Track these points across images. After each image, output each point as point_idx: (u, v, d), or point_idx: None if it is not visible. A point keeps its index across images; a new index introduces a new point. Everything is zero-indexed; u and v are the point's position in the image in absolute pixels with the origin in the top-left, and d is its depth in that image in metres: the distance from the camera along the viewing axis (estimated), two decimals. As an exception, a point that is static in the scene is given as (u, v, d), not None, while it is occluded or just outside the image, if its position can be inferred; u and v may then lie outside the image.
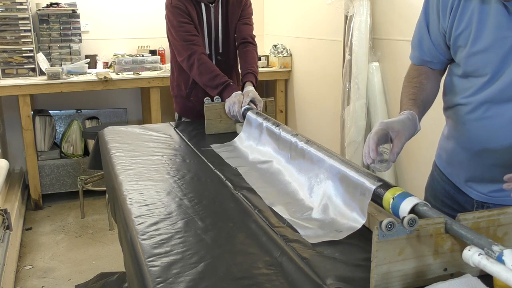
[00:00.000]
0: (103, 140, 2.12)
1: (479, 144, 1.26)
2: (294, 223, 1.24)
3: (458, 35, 1.24)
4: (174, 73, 2.47)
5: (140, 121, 4.38)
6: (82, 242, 3.19)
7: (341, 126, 3.10)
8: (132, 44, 4.20)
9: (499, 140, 1.21)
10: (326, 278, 1.00)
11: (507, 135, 1.20)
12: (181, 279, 1.02)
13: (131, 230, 1.26)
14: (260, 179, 1.56)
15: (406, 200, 1.07)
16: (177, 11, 2.25)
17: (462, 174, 1.36)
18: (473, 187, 1.34)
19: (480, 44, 1.19)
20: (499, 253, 0.83)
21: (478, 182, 1.32)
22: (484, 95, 1.21)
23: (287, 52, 4.09)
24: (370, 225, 1.20)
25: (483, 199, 1.32)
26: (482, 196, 1.32)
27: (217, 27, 2.35)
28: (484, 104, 1.22)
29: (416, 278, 0.93)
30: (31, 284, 2.72)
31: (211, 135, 2.14)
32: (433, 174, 1.51)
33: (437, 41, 1.31)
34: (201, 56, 2.24)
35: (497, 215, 0.96)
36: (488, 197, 1.31)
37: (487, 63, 1.18)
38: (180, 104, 2.49)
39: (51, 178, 3.79)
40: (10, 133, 4.02)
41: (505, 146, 1.21)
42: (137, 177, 1.63)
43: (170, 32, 2.32)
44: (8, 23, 3.65)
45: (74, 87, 3.62)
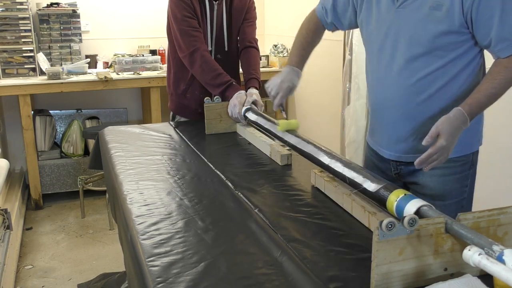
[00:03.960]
0: (103, 140, 2.12)
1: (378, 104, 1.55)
2: None
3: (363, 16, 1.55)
4: (172, 69, 2.43)
5: (140, 121, 4.38)
6: (82, 242, 3.19)
7: (341, 126, 3.10)
8: (132, 44, 4.20)
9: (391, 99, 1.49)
10: (326, 278, 1.00)
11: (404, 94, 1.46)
12: (181, 279, 1.02)
13: (131, 230, 1.26)
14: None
15: (410, 202, 1.07)
16: (182, 5, 2.23)
17: (377, 138, 1.61)
18: (385, 147, 1.57)
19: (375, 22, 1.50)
20: (499, 253, 0.83)
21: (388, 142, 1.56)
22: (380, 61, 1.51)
23: (287, 52, 4.09)
24: (371, 225, 1.20)
25: (394, 158, 1.55)
26: (393, 155, 1.55)
27: (221, 25, 2.34)
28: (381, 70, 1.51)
29: (417, 278, 0.94)
30: (31, 284, 2.72)
31: (211, 135, 2.14)
32: (366, 154, 1.75)
33: (339, 13, 1.65)
34: (204, 53, 2.23)
35: (497, 215, 0.96)
36: (398, 156, 1.53)
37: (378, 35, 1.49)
38: (175, 102, 2.47)
39: (52, 178, 3.79)
40: (11, 133, 4.01)
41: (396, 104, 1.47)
42: (137, 177, 1.63)
43: (172, 25, 2.30)
44: (9, 23, 3.64)
45: (74, 87, 3.62)
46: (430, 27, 1.37)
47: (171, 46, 2.38)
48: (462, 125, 1.32)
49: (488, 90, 1.34)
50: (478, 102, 1.34)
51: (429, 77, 1.42)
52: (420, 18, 1.38)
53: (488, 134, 2.24)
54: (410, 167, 1.51)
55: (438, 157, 1.30)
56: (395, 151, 1.54)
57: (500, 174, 2.21)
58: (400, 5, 1.42)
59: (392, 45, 1.45)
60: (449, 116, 1.32)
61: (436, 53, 1.39)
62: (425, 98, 1.44)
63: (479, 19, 1.33)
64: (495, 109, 2.21)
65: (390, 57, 1.46)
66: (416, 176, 1.53)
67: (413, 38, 1.40)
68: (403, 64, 1.44)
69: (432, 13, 1.36)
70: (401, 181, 1.59)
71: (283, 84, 1.69)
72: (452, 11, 1.34)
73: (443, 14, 1.35)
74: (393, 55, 1.46)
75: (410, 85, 1.44)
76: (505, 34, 1.31)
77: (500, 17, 1.30)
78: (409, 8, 1.40)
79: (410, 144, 1.50)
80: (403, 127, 1.49)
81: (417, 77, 1.43)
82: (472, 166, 1.54)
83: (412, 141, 1.49)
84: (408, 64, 1.43)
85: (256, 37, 2.46)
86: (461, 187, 1.53)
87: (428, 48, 1.39)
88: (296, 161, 1.74)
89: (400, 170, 1.56)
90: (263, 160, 1.80)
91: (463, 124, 1.32)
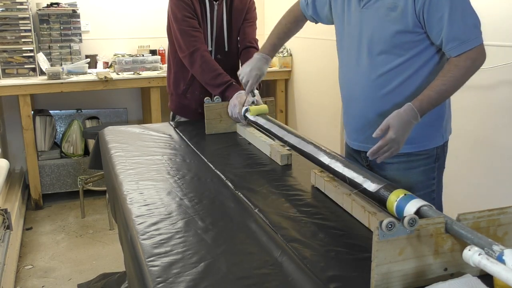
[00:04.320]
0: (103, 140, 2.12)
1: (346, 98, 1.66)
2: None
3: (333, 12, 1.67)
4: (172, 69, 2.43)
5: (140, 121, 4.38)
6: (82, 242, 3.19)
7: (341, 126, 3.10)
8: (132, 44, 4.20)
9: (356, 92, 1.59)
10: (326, 278, 1.00)
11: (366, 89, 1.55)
12: (181, 279, 1.02)
13: (131, 230, 1.26)
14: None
15: (411, 202, 1.07)
16: (182, 5, 2.23)
17: (347, 131, 1.71)
18: (353, 138, 1.67)
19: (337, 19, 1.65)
20: (500, 253, 0.83)
21: (354, 133, 1.66)
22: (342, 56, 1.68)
23: (287, 52, 4.09)
24: (371, 225, 1.20)
25: (362, 149, 1.63)
26: (361, 146, 1.63)
27: (221, 25, 2.34)
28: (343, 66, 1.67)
29: (417, 278, 0.94)
30: (31, 284, 2.72)
31: (211, 135, 2.14)
32: (345, 147, 1.82)
33: (318, 8, 1.76)
34: (204, 53, 2.23)
35: (497, 215, 0.96)
36: (365, 147, 1.59)
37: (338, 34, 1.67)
38: (175, 101, 2.47)
39: (52, 178, 3.79)
40: (11, 133, 4.01)
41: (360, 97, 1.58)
42: (137, 177, 1.63)
43: (172, 25, 2.30)
44: (9, 23, 3.64)
45: (75, 87, 3.62)
46: (388, 27, 1.46)
47: (171, 46, 2.38)
48: (412, 119, 1.39)
49: (439, 87, 1.41)
50: (429, 98, 1.40)
51: (390, 73, 1.51)
52: (379, 18, 1.48)
53: (489, 134, 2.25)
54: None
55: (389, 149, 1.39)
56: (360, 141, 1.64)
57: (501, 174, 2.21)
58: (364, 6, 1.51)
59: (357, 43, 1.55)
60: (399, 111, 1.39)
61: (395, 51, 1.48)
62: (386, 92, 1.52)
63: (430, 20, 1.40)
64: (495, 110, 2.24)
65: (356, 54, 1.57)
66: (384, 170, 1.60)
67: (374, 37, 1.50)
68: (366, 61, 1.54)
69: (389, 13, 1.45)
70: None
71: (252, 72, 1.90)
72: (406, 12, 1.42)
73: (398, 14, 1.43)
74: (359, 53, 1.56)
75: (372, 80, 1.53)
76: (454, 34, 1.39)
77: (449, 17, 1.38)
78: (371, 8, 1.49)
79: (370, 135, 1.54)
80: (366, 119, 1.58)
81: (378, 73, 1.52)
82: (438, 159, 1.60)
83: (371, 132, 1.53)
84: (371, 61, 1.53)
85: (256, 37, 2.46)
86: (428, 179, 1.60)
87: (387, 46, 1.48)
88: (296, 161, 1.74)
89: (370, 162, 1.62)
90: (263, 160, 1.80)
91: (414, 119, 1.39)
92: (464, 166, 2.37)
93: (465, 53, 1.39)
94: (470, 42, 1.39)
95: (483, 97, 2.26)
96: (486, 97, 2.24)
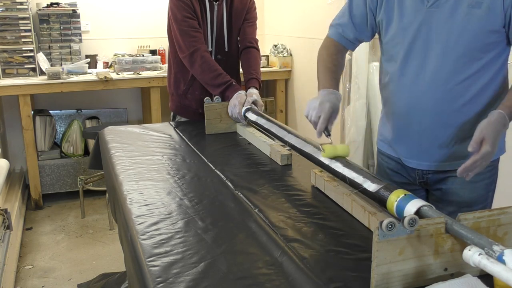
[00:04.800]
0: (103, 140, 2.12)
1: (406, 111, 1.44)
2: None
3: (383, 16, 1.44)
4: (172, 69, 2.44)
5: (140, 121, 4.38)
6: (82, 242, 3.19)
7: (341, 126, 3.10)
8: (132, 44, 4.20)
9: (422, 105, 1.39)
10: (326, 278, 1.00)
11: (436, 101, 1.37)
12: (181, 279, 1.02)
13: (131, 230, 1.26)
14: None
15: (411, 202, 1.07)
16: (182, 5, 2.23)
17: (401, 147, 1.51)
18: (414, 157, 1.48)
19: (399, 23, 1.40)
20: (500, 253, 0.83)
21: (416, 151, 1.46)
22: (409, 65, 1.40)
23: (287, 52, 4.09)
24: (371, 225, 1.20)
25: (422, 167, 1.47)
26: (421, 165, 1.47)
27: (222, 26, 2.34)
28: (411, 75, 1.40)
29: (417, 278, 0.94)
30: (31, 284, 2.72)
31: (211, 135, 2.14)
32: (378, 161, 1.66)
33: (358, 24, 1.52)
34: (204, 54, 2.24)
35: (498, 215, 0.96)
36: (426, 165, 1.46)
37: (405, 37, 1.39)
38: (175, 102, 2.47)
39: (52, 178, 3.79)
40: (11, 133, 4.01)
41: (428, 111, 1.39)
42: (137, 177, 1.63)
43: (172, 26, 2.30)
44: (9, 23, 3.64)
45: (74, 87, 3.62)
46: (470, 27, 1.29)
47: (171, 47, 2.39)
48: (503, 128, 1.25)
49: None
50: None
51: (467, 81, 1.34)
52: (457, 17, 1.29)
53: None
54: (440, 175, 1.45)
55: (481, 163, 1.22)
56: (426, 160, 1.45)
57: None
58: (432, 5, 1.32)
59: (423, 47, 1.36)
60: (490, 120, 1.24)
61: (474, 55, 1.32)
62: (462, 104, 1.36)
63: None
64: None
65: (421, 60, 1.37)
66: (444, 183, 1.47)
67: (450, 39, 1.32)
68: (437, 68, 1.35)
69: (471, 11, 1.27)
70: (425, 188, 1.54)
71: (324, 105, 1.41)
72: (493, 9, 1.26)
73: (483, 11, 1.27)
74: (425, 59, 1.36)
75: (446, 90, 1.35)
76: None
77: None
78: (443, 7, 1.31)
79: (443, 152, 1.42)
80: (436, 135, 1.40)
81: (454, 82, 1.34)
82: (497, 171, 1.50)
83: (445, 149, 1.42)
84: (444, 68, 1.34)
85: (256, 37, 2.45)
86: (487, 192, 1.49)
87: (467, 49, 1.31)
88: (296, 161, 1.74)
89: (427, 179, 1.48)
90: (263, 160, 1.80)
91: (504, 127, 1.26)
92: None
93: None
94: None
95: None
96: None
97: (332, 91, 1.45)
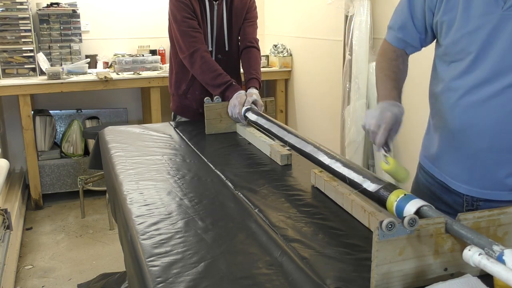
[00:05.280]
0: (103, 140, 2.12)
1: (461, 128, 1.25)
2: None
3: (444, 17, 1.25)
4: (173, 69, 2.44)
5: (140, 121, 4.38)
6: (82, 242, 3.19)
7: (341, 126, 3.10)
8: (132, 44, 4.20)
9: (486, 124, 1.21)
10: (326, 278, 1.00)
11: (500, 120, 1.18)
12: (181, 279, 1.02)
13: (131, 230, 1.26)
14: None
15: (410, 202, 1.07)
16: (181, 6, 2.23)
17: (451, 169, 1.33)
18: (464, 181, 1.30)
19: (466, 26, 1.20)
20: (500, 253, 0.83)
21: (468, 174, 1.28)
22: (474, 76, 1.20)
23: (287, 52, 4.09)
24: (371, 225, 1.20)
25: (473, 194, 1.29)
26: (472, 191, 1.29)
27: (222, 26, 2.34)
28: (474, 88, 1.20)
29: (417, 278, 0.94)
30: (31, 284, 2.72)
31: (211, 135, 2.14)
32: (417, 177, 1.47)
33: (419, 25, 1.33)
34: (204, 54, 2.24)
35: (497, 215, 0.96)
36: (479, 192, 1.28)
37: (472, 43, 1.19)
38: (176, 102, 2.47)
39: (52, 178, 3.79)
40: (11, 133, 4.02)
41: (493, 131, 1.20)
42: (137, 177, 1.63)
43: (172, 26, 2.30)
44: (9, 23, 3.64)
45: (74, 87, 3.62)
46: None
47: (172, 47, 2.39)
48: None
49: None
50: None
51: None
52: None
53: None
54: (492, 204, 1.25)
55: None
56: (478, 186, 1.28)
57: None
58: (508, 7, 1.13)
59: (496, 55, 1.16)
60: None
61: None
62: None
63: None
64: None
65: (492, 71, 1.17)
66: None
67: None
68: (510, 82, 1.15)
69: None
70: None
71: (385, 114, 1.24)
72: None
73: None
74: (498, 69, 1.16)
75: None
76: None
77: None
78: None
79: (500, 179, 1.24)
80: (495, 160, 1.22)
81: None
82: None
83: (504, 176, 1.24)
84: None
85: (257, 37, 2.45)
86: None
87: None
88: (296, 161, 1.74)
89: (477, 206, 1.29)
90: (263, 160, 1.80)
91: None
92: None
93: None
94: None
95: None
96: None
97: (393, 103, 1.28)
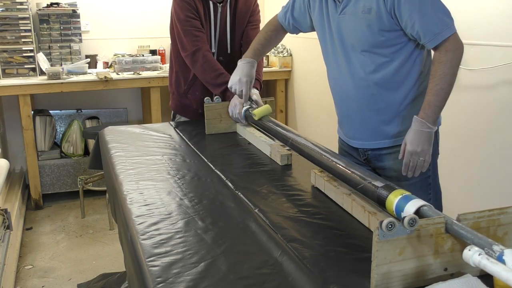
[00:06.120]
0: (103, 140, 2.12)
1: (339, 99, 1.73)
2: None
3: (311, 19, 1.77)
4: (174, 68, 2.44)
5: (140, 121, 4.38)
6: (82, 242, 3.19)
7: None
8: (132, 44, 4.20)
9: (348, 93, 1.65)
10: (326, 278, 1.00)
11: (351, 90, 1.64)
12: (181, 279, 1.02)
13: (131, 230, 1.26)
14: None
15: (410, 202, 1.07)
16: (185, 5, 2.24)
17: (346, 131, 1.76)
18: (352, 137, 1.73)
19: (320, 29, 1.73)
20: (500, 253, 0.83)
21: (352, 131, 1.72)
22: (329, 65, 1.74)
23: (287, 52, 4.09)
24: (371, 225, 1.20)
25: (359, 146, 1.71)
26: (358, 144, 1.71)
27: (225, 28, 2.35)
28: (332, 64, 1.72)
29: (417, 278, 0.94)
30: (31, 284, 2.72)
31: (211, 135, 2.14)
32: (338, 145, 1.86)
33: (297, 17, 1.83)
34: (206, 53, 2.24)
35: (497, 215, 0.96)
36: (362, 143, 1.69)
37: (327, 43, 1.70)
38: (176, 101, 2.47)
39: (52, 178, 3.79)
40: (11, 133, 4.01)
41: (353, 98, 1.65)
42: (137, 177, 1.63)
43: (175, 25, 2.30)
44: (9, 23, 3.64)
45: (74, 87, 3.62)
46: (366, 29, 1.54)
47: (174, 46, 2.39)
48: (423, 128, 1.47)
49: (434, 88, 1.47)
50: (429, 102, 1.48)
51: (376, 72, 1.58)
52: (357, 22, 1.56)
53: (488, 133, 2.25)
54: (376, 152, 1.68)
55: (415, 161, 1.49)
56: (360, 139, 1.71)
57: (499, 174, 2.21)
58: (341, 12, 1.60)
59: (341, 46, 1.63)
60: (411, 127, 1.50)
61: (375, 50, 1.56)
62: (376, 90, 1.60)
63: (401, 16, 1.48)
64: (495, 109, 2.23)
65: (342, 57, 1.64)
66: (382, 161, 1.68)
67: (356, 40, 1.58)
68: (352, 62, 1.61)
69: (365, 16, 1.53)
70: (370, 166, 1.73)
71: (242, 80, 1.92)
72: (380, 12, 1.50)
73: (373, 16, 1.52)
74: (344, 55, 1.63)
75: (362, 78, 1.61)
76: (427, 27, 1.46)
77: (419, 11, 1.45)
78: (348, 14, 1.58)
79: (371, 131, 1.66)
80: (362, 117, 1.66)
81: (366, 72, 1.59)
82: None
83: (372, 128, 1.65)
84: (356, 62, 1.60)
85: None
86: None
87: (367, 46, 1.56)
88: (296, 161, 1.74)
89: (368, 155, 1.71)
90: (263, 160, 1.80)
91: (424, 127, 1.47)
92: (462, 165, 2.37)
93: (443, 45, 1.46)
94: (444, 32, 1.45)
95: (482, 97, 2.26)
96: (485, 97, 2.24)
97: (249, 61, 1.93)
